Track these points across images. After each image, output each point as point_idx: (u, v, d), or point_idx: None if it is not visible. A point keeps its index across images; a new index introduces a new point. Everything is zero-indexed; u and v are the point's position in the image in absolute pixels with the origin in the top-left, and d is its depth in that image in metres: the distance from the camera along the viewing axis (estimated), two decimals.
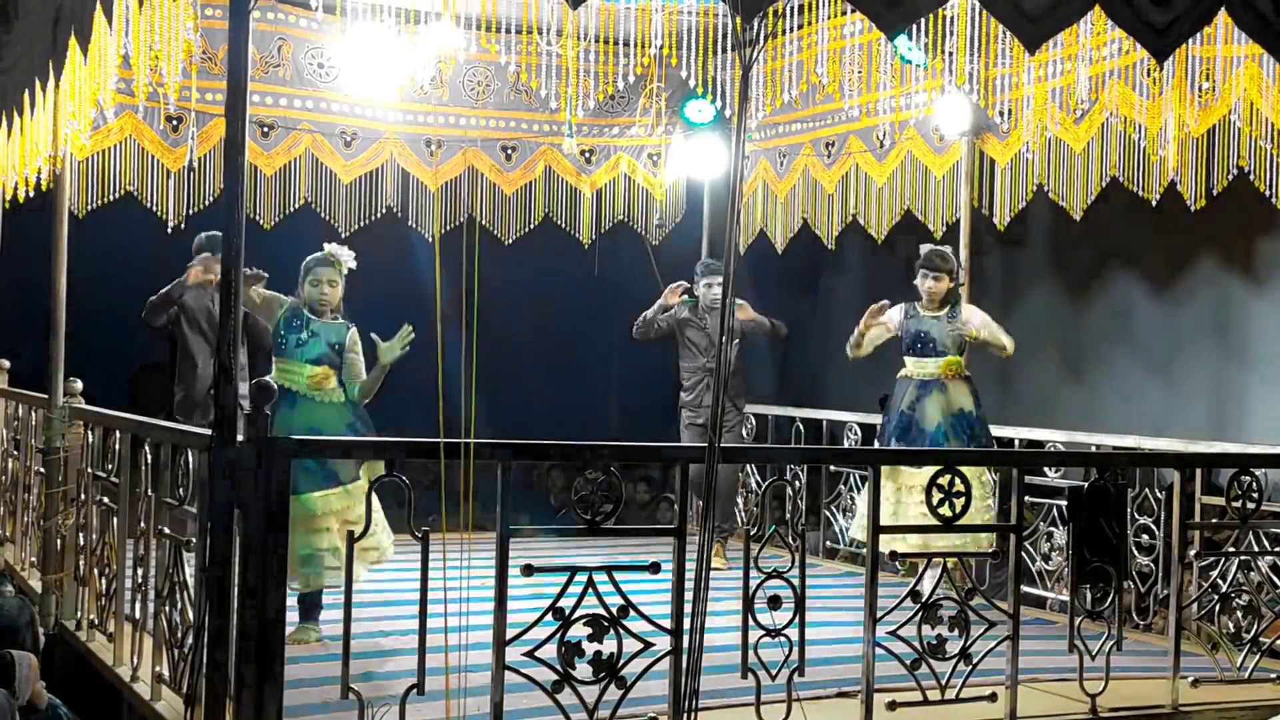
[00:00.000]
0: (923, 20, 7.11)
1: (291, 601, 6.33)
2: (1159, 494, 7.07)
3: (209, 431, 4.26)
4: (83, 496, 6.29)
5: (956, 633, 5.07)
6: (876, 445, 7.44)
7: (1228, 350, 10.44)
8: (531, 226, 9.60)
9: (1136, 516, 7.09)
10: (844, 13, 7.73)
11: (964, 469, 5.11)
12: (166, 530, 5.14)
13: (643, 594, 4.56)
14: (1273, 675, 5.80)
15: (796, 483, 9.10)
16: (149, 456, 5.39)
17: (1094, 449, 7.57)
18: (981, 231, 8.62)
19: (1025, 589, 6.72)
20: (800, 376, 13.71)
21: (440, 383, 6.16)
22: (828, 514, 9.17)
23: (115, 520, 5.74)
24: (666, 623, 4.57)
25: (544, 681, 4.43)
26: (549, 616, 4.44)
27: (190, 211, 8.32)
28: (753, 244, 9.96)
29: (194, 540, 4.71)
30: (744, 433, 9.86)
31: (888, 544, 5.25)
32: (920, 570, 5.33)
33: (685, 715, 4.33)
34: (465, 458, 4.30)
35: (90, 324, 8.34)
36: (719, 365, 4.32)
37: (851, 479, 8.98)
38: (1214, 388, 10.44)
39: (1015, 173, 8.16)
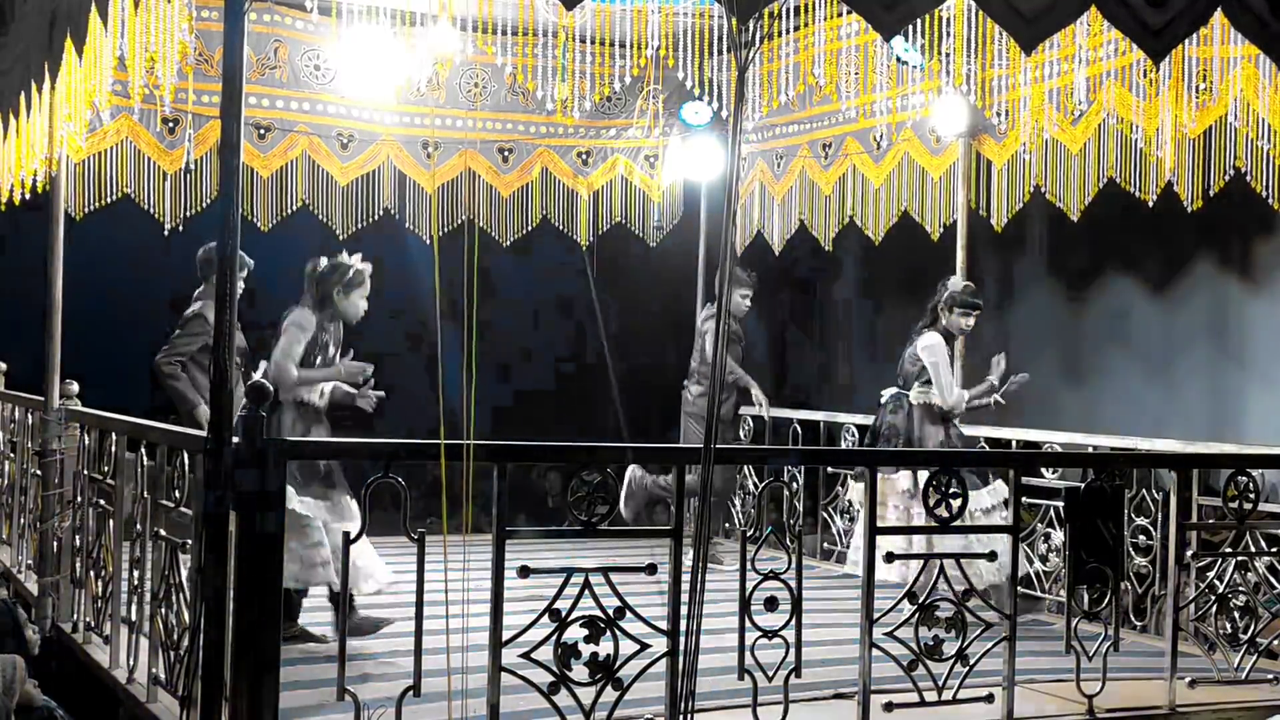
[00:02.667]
0: (919, 21, 7.12)
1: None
2: (1156, 495, 7.06)
3: (205, 433, 4.25)
4: (79, 499, 6.28)
5: (953, 634, 5.07)
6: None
7: (1225, 351, 10.44)
8: (529, 228, 9.59)
9: (1134, 517, 7.08)
10: (840, 14, 7.73)
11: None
12: (162, 532, 5.13)
13: (639, 595, 4.56)
14: (1269, 676, 5.80)
15: (794, 484, 9.10)
16: (145, 458, 5.38)
17: (1091, 450, 7.56)
18: (978, 233, 8.61)
19: (1022, 590, 6.72)
20: (798, 378, 13.73)
21: (440, 384, 6.17)
22: (825, 515, 9.16)
23: (111, 522, 5.73)
24: (663, 624, 4.57)
25: (540, 683, 4.42)
26: (545, 618, 4.44)
27: (187, 213, 8.32)
28: (750, 245, 9.96)
29: (190, 542, 4.70)
30: (741, 433, 9.86)
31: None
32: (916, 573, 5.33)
33: (682, 717, 4.32)
34: (465, 459, 4.30)
35: (86, 326, 8.33)
36: (715, 368, 4.30)
37: (849, 481, 8.96)
38: (1211, 389, 10.45)
39: (1012, 174, 8.16)
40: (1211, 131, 6.97)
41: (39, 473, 6.81)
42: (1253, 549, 6.04)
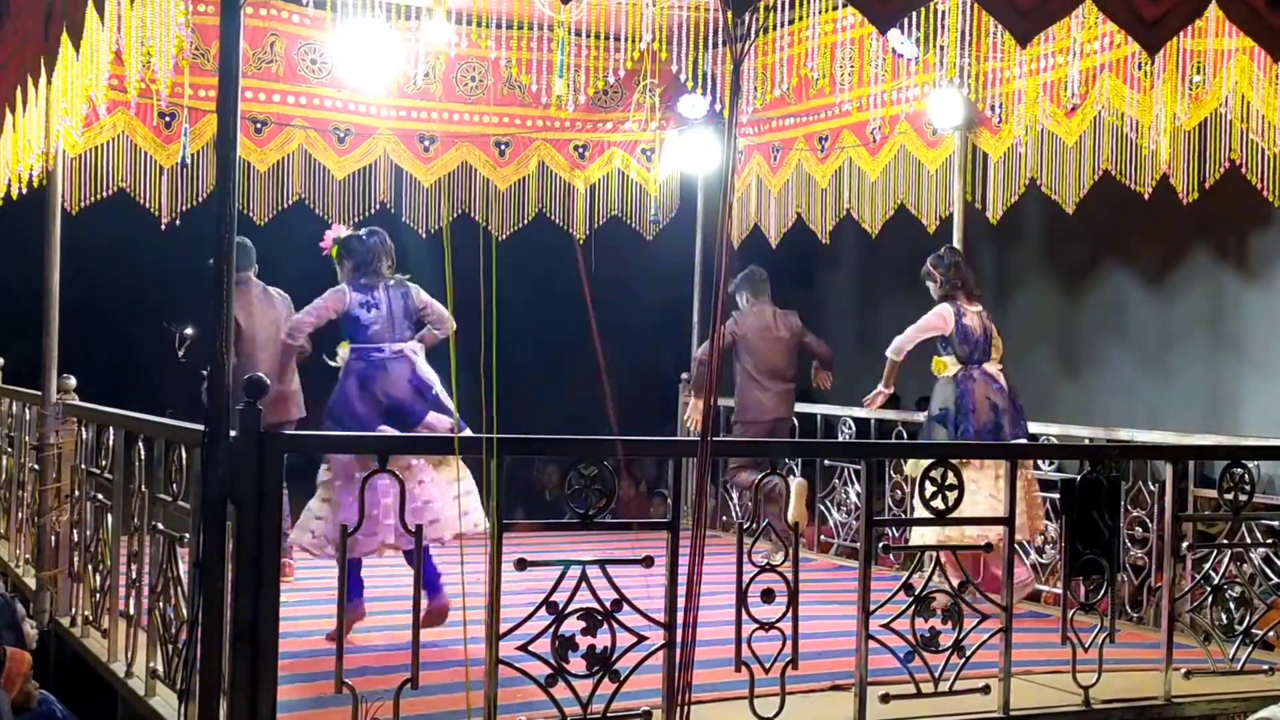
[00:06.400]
0: (915, 14, 7.12)
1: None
2: (1152, 486, 7.08)
3: (202, 427, 4.26)
4: (76, 493, 6.29)
5: (950, 625, 5.08)
6: None
7: (1220, 343, 10.47)
8: (525, 222, 9.59)
9: (1130, 509, 7.09)
10: (836, 7, 7.73)
11: None
12: (160, 526, 5.14)
13: (636, 588, 4.57)
14: (1265, 667, 5.82)
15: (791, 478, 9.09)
16: (142, 452, 5.39)
17: (1087, 442, 7.58)
18: (974, 225, 8.62)
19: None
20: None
21: (454, 378, 6.17)
22: (822, 508, 9.17)
23: (109, 516, 5.74)
24: (660, 616, 4.58)
25: (538, 675, 4.44)
26: (543, 610, 4.45)
27: (183, 208, 8.32)
28: (746, 238, 9.96)
29: (187, 536, 4.71)
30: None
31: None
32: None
33: (678, 708, 4.33)
34: (487, 454, 4.29)
35: (84, 320, 8.33)
36: (712, 366, 4.31)
37: (847, 473, 8.98)
38: (1207, 380, 10.48)
39: (1008, 166, 8.16)
40: (1206, 124, 6.97)
41: (37, 467, 6.82)
42: (1248, 540, 6.06)
